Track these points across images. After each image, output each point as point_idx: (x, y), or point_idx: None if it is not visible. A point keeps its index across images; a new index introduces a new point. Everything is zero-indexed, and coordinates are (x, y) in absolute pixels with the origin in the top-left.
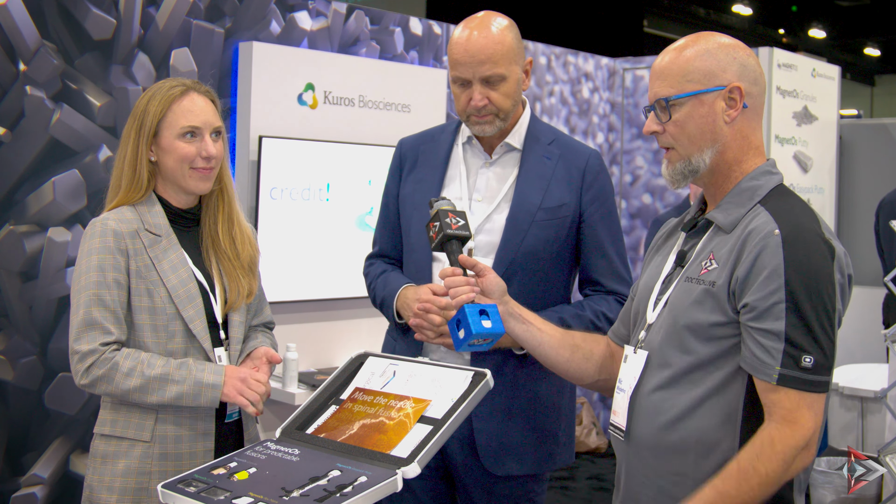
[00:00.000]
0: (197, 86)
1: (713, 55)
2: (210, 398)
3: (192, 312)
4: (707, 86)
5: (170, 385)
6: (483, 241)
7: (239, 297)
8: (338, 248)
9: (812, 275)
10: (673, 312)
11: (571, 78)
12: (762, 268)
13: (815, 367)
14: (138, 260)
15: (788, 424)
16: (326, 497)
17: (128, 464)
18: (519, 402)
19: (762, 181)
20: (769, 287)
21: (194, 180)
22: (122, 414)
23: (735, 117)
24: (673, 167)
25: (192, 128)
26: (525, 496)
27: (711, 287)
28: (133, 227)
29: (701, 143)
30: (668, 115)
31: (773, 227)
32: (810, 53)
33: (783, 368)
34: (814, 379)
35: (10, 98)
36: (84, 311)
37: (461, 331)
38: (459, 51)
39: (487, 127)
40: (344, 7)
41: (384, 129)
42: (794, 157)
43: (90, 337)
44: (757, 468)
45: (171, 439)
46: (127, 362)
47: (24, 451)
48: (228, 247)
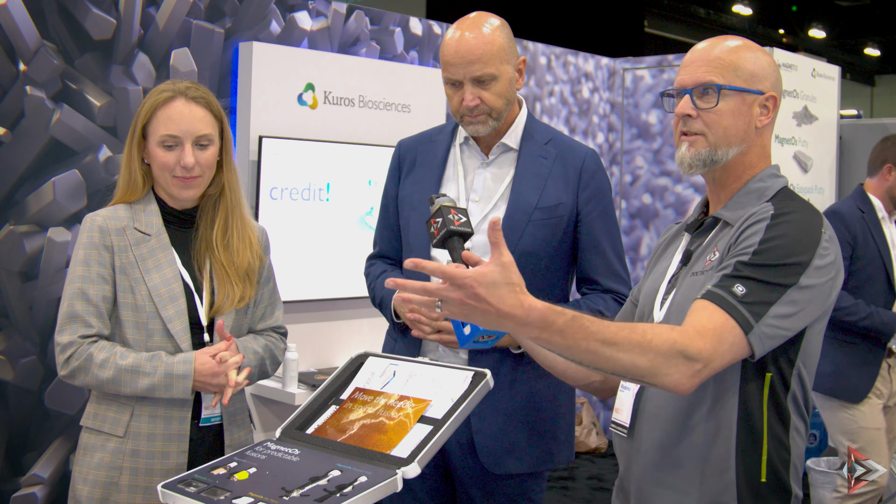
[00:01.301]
0: (189, 90)
1: (759, 61)
2: (182, 388)
3: (172, 312)
4: (752, 87)
5: (141, 377)
6: (480, 240)
7: (228, 302)
8: (338, 248)
9: (787, 241)
10: (680, 307)
11: (571, 78)
12: (746, 235)
13: (748, 299)
14: (122, 257)
15: (696, 333)
16: (326, 497)
17: (101, 457)
18: (517, 401)
19: (769, 183)
20: (744, 245)
21: (177, 188)
22: (102, 408)
23: (766, 124)
24: (696, 152)
25: (169, 136)
26: (524, 495)
27: (711, 273)
28: (121, 224)
29: (732, 139)
30: (716, 101)
31: (770, 207)
32: (810, 53)
33: (714, 287)
34: (738, 307)
35: (10, 98)
36: (68, 304)
37: (466, 327)
38: (450, 52)
39: (481, 127)
40: (344, 7)
41: (384, 129)
42: (794, 157)
43: (71, 329)
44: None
45: (144, 437)
46: (101, 354)
47: (24, 451)
48: (221, 252)
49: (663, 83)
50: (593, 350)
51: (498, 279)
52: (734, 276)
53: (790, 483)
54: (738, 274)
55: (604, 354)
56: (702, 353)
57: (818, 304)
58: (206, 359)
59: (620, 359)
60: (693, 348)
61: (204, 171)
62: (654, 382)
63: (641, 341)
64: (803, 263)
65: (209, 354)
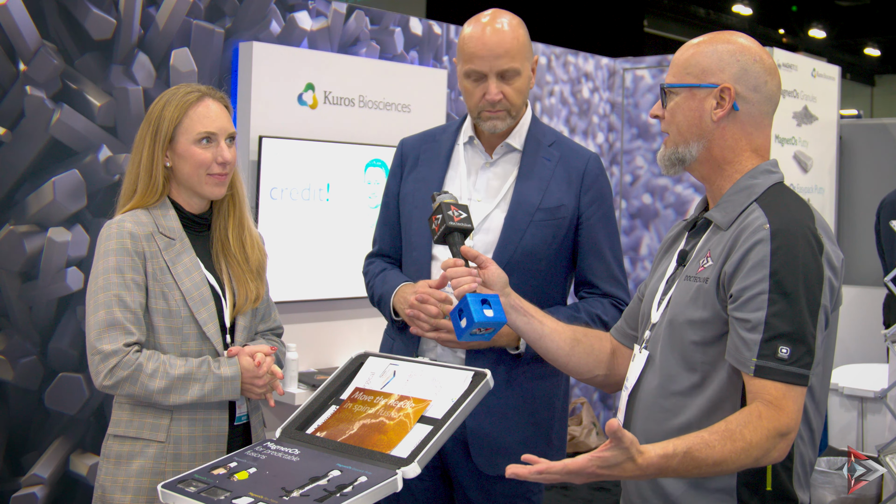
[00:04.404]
0: (212, 92)
1: (717, 54)
2: (231, 390)
3: (206, 315)
4: (701, 81)
5: (192, 384)
6: (481, 240)
7: (247, 301)
8: (338, 248)
9: (797, 266)
10: (672, 311)
11: (571, 78)
12: (749, 259)
13: (793, 358)
14: (154, 263)
15: (775, 409)
16: (326, 497)
17: (142, 464)
18: (513, 403)
19: (760, 179)
20: (754, 277)
21: (210, 186)
22: (137, 414)
23: (721, 117)
24: (664, 151)
25: (208, 133)
26: (522, 495)
27: (704, 283)
28: (148, 229)
29: (687, 135)
30: (664, 102)
31: (764, 222)
32: (810, 53)
33: (760, 360)
34: (791, 370)
35: (10, 98)
36: (105, 311)
37: (463, 320)
38: (476, 44)
39: (499, 123)
40: (344, 7)
41: (384, 129)
42: (794, 157)
43: (112, 337)
44: (743, 433)
45: (186, 440)
46: (150, 363)
47: (24, 451)
48: (238, 251)
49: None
50: (707, 472)
51: (620, 460)
52: (772, 333)
53: (794, 491)
54: (773, 332)
55: (716, 471)
56: (790, 426)
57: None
58: (248, 360)
59: (731, 468)
60: (783, 426)
61: (233, 168)
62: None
63: (744, 447)
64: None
65: (247, 354)
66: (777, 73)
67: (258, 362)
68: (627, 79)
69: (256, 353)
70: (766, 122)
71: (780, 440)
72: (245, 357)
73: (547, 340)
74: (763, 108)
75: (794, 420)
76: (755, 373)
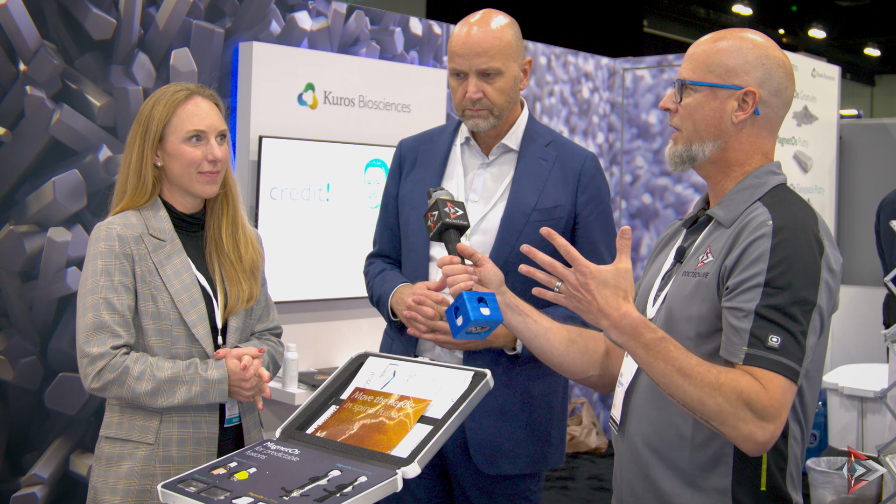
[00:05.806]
0: (201, 90)
1: (742, 55)
2: (218, 392)
3: (195, 317)
4: (725, 82)
5: (179, 386)
6: (478, 240)
7: (239, 302)
8: (338, 248)
9: (796, 263)
10: (669, 306)
11: (571, 78)
12: (749, 253)
13: (783, 349)
14: (142, 265)
15: (758, 384)
16: (326, 497)
17: (132, 466)
18: (511, 403)
19: (764, 179)
20: (752, 270)
21: (201, 184)
22: (127, 416)
23: (743, 120)
24: (675, 149)
25: (197, 131)
26: (521, 494)
27: (704, 278)
28: (137, 231)
29: (704, 134)
30: (681, 97)
31: (767, 219)
32: (810, 53)
33: (749, 348)
34: (781, 360)
35: (10, 98)
36: (93, 314)
37: (459, 318)
38: (458, 43)
39: (481, 121)
40: (344, 7)
41: (384, 129)
42: (794, 157)
43: (100, 339)
44: (718, 376)
45: (175, 442)
46: (137, 366)
47: (24, 451)
48: (231, 250)
49: (663, 83)
50: (668, 374)
51: (609, 280)
52: (762, 323)
53: (788, 490)
54: (764, 321)
55: (676, 382)
56: (766, 408)
57: (827, 317)
58: (235, 362)
59: (690, 392)
60: (758, 402)
61: (225, 166)
62: (724, 431)
63: (713, 382)
64: (815, 278)
65: (235, 357)
66: (794, 78)
67: (244, 365)
68: (627, 79)
69: (244, 355)
70: (778, 126)
71: (751, 417)
72: (232, 359)
73: (542, 340)
74: (780, 112)
75: (773, 404)
76: (745, 361)
